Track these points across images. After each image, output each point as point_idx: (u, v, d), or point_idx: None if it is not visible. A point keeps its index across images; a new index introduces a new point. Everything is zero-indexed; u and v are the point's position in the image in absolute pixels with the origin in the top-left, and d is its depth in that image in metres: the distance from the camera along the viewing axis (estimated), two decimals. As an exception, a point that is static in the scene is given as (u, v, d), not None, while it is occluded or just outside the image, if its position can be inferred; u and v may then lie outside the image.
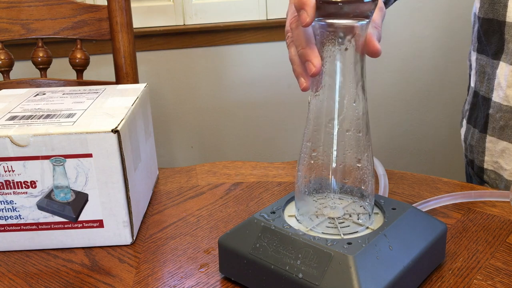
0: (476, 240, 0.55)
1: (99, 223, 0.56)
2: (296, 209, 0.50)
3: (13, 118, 0.57)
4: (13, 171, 0.54)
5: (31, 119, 0.57)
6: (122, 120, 0.55)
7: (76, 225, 0.56)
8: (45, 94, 0.67)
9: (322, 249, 0.43)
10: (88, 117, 0.57)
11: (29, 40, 0.99)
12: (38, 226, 0.56)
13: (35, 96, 0.66)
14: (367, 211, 0.48)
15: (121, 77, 1.00)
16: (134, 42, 1.00)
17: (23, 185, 0.54)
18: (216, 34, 1.55)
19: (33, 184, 0.54)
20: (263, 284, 0.46)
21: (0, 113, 0.59)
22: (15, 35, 0.98)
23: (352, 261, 0.42)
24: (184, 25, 1.53)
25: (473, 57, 0.81)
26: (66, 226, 0.56)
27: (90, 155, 0.54)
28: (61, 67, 1.17)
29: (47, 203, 0.55)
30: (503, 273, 0.50)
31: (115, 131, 0.53)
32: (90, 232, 0.56)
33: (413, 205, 0.55)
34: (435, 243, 0.48)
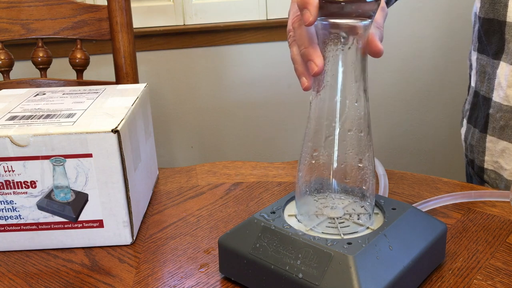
0: (476, 240, 0.55)
1: (99, 223, 0.56)
2: (297, 208, 0.50)
3: (13, 118, 0.57)
4: (13, 171, 0.54)
5: (31, 119, 0.57)
6: (122, 120, 0.55)
7: (76, 225, 0.56)
8: (45, 94, 0.67)
9: (322, 249, 0.43)
10: (88, 117, 0.57)
11: (29, 40, 0.99)
12: (38, 226, 0.56)
13: (35, 96, 0.66)
14: (368, 211, 0.48)
15: (121, 77, 1.00)
16: (134, 42, 1.00)
17: (23, 185, 0.54)
18: (216, 34, 1.55)
19: (33, 184, 0.54)
20: (263, 284, 0.46)
21: (0, 113, 0.59)
22: (15, 35, 0.98)
23: (352, 261, 0.42)
24: (184, 25, 1.53)
25: (473, 57, 0.81)
26: (66, 226, 0.56)
27: (90, 155, 0.54)
28: (61, 67, 1.17)
29: (47, 203, 0.55)
30: (503, 273, 0.50)
31: (115, 131, 0.53)
32: (90, 232, 0.56)
33: (413, 205, 0.55)
34: (435, 243, 0.48)
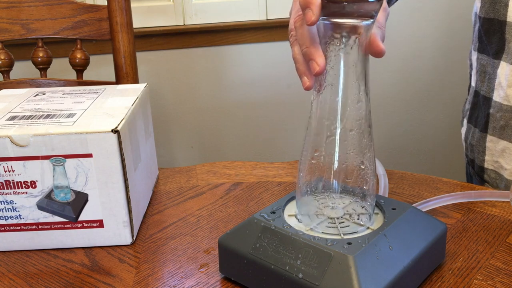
0: (476, 240, 0.55)
1: (99, 223, 0.56)
2: (297, 208, 0.50)
3: (13, 118, 0.57)
4: (13, 171, 0.54)
5: (31, 119, 0.57)
6: (122, 120, 0.55)
7: (76, 225, 0.56)
8: (45, 94, 0.67)
9: (322, 249, 0.43)
10: (88, 117, 0.57)
11: (29, 40, 0.99)
12: (38, 226, 0.56)
13: (35, 96, 0.66)
14: (368, 211, 0.48)
15: (121, 77, 1.00)
16: (134, 42, 1.00)
17: (23, 185, 0.54)
18: (216, 34, 1.55)
19: (33, 184, 0.54)
20: (263, 284, 0.46)
21: (0, 113, 0.59)
22: (15, 35, 0.98)
23: (352, 261, 0.42)
24: (184, 25, 1.53)
25: (473, 56, 0.81)
26: (66, 226, 0.56)
27: (90, 155, 0.54)
28: (61, 67, 1.17)
29: (47, 203, 0.55)
30: (503, 273, 0.50)
31: (115, 131, 0.53)
32: (90, 232, 0.56)
33: (413, 205, 0.55)
34: (435, 243, 0.48)
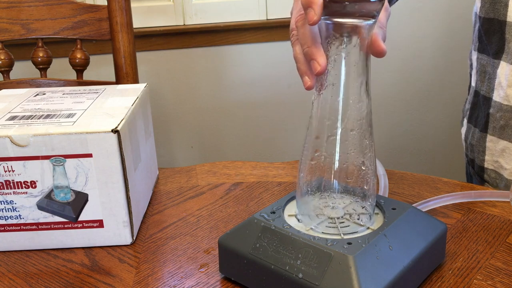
0: (476, 240, 0.55)
1: (99, 223, 0.56)
2: (297, 208, 0.50)
3: (13, 118, 0.57)
4: (13, 171, 0.54)
5: (31, 119, 0.57)
6: (122, 120, 0.55)
7: (76, 225, 0.56)
8: (45, 94, 0.67)
9: (322, 249, 0.43)
10: (88, 117, 0.57)
11: (29, 40, 0.99)
12: (38, 226, 0.56)
13: (35, 96, 0.66)
14: (368, 211, 0.48)
15: (121, 77, 1.00)
16: (134, 42, 1.00)
17: (23, 185, 0.54)
18: (216, 34, 1.55)
19: (33, 184, 0.54)
20: (263, 284, 0.46)
21: (0, 113, 0.59)
22: (15, 35, 0.98)
23: (352, 261, 0.42)
24: (184, 25, 1.53)
25: (473, 56, 0.81)
26: (66, 226, 0.56)
27: (90, 155, 0.54)
28: (61, 67, 1.17)
29: (47, 203, 0.55)
30: (503, 273, 0.50)
31: (115, 131, 0.53)
32: (90, 232, 0.56)
33: (413, 205, 0.55)
34: (435, 243, 0.48)
